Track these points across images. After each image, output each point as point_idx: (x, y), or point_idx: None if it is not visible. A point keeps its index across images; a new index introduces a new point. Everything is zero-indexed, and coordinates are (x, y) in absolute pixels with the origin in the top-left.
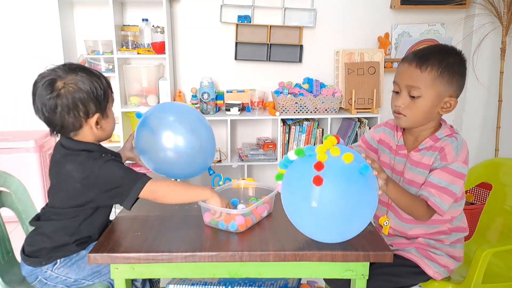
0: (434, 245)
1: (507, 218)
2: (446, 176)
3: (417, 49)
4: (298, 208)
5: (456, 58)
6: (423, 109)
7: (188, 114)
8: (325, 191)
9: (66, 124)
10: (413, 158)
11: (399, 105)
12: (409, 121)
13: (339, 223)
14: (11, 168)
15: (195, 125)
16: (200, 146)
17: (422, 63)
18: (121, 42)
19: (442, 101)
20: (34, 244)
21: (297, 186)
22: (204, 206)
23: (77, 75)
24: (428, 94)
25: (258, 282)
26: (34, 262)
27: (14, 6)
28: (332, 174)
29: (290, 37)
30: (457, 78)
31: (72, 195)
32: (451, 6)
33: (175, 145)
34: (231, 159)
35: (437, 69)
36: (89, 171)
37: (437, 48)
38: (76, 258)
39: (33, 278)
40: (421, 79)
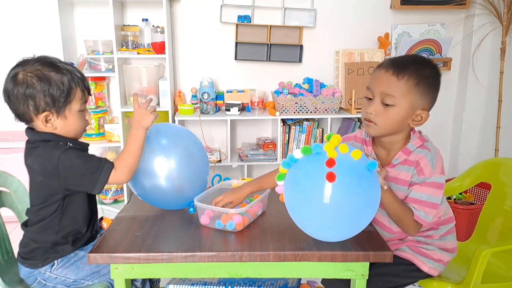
0: (425, 241)
1: (506, 218)
2: (426, 190)
3: (394, 57)
4: (306, 206)
5: (433, 71)
6: (395, 118)
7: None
8: (338, 188)
9: (20, 113)
10: (389, 175)
11: (370, 112)
12: (379, 130)
13: (349, 220)
14: (11, 168)
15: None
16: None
17: (400, 71)
18: (121, 42)
19: (414, 113)
20: (27, 246)
21: (307, 184)
22: (201, 207)
23: (40, 69)
24: (401, 103)
25: (258, 282)
26: (31, 264)
27: (14, 6)
28: (343, 170)
29: (290, 37)
30: (432, 91)
31: (39, 189)
32: (451, 6)
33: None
34: (231, 159)
35: (414, 79)
36: (47, 161)
37: (415, 58)
38: (74, 258)
39: (32, 280)
40: (396, 87)
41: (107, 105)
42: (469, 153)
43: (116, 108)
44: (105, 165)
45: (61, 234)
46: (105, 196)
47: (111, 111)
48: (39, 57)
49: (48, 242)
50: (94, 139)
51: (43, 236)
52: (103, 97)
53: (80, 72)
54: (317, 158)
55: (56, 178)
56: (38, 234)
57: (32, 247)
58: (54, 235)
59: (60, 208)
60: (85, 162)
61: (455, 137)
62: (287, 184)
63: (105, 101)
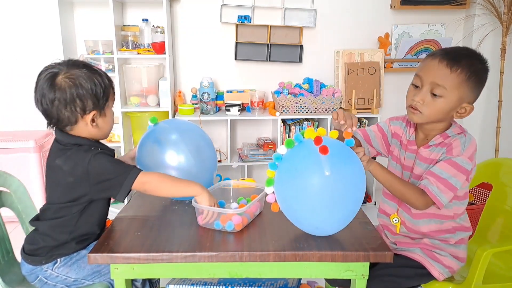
0: (439, 246)
1: (507, 218)
2: (448, 168)
3: (447, 48)
4: (307, 192)
5: (483, 66)
6: (441, 109)
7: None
8: (333, 158)
9: (62, 118)
10: (422, 154)
11: (417, 100)
12: (423, 118)
13: (348, 191)
14: (11, 168)
15: (198, 146)
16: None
17: (454, 63)
18: (121, 42)
19: (460, 105)
20: (34, 243)
21: (303, 168)
22: (197, 207)
23: (79, 70)
24: (451, 95)
25: (258, 282)
26: (34, 260)
27: (14, 6)
28: (331, 144)
29: (290, 37)
30: (480, 86)
31: (65, 189)
32: (451, 6)
33: (177, 163)
34: (231, 159)
35: (466, 72)
36: (78, 164)
37: (468, 51)
38: (76, 257)
39: (33, 277)
40: (449, 79)
41: None
42: None
43: (116, 108)
44: (133, 169)
45: (74, 234)
46: None
47: None
48: (67, 60)
49: (58, 240)
50: None
51: (56, 233)
52: None
53: (105, 73)
54: (303, 145)
55: (85, 181)
56: (50, 230)
57: (39, 244)
58: (66, 234)
59: (81, 210)
60: (113, 167)
61: None
62: (279, 185)
63: None
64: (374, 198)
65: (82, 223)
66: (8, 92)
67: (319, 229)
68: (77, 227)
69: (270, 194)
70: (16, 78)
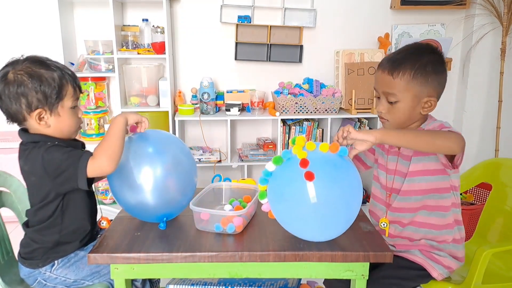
0: (438, 246)
1: (507, 218)
2: (444, 127)
3: (390, 54)
4: (296, 214)
5: (430, 57)
6: (403, 112)
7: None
8: (320, 184)
9: (12, 113)
10: (403, 153)
11: (380, 111)
12: (393, 124)
13: (341, 211)
14: (11, 168)
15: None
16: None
17: (394, 70)
18: (121, 42)
19: (421, 101)
20: (28, 246)
21: (289, 192)
22: (197, 211)
23: (30, 66)
24: (404, 97)
25: (258, 282)
26: (31, 264)
27: (14, 6)
28: (318, 166)
29: (290, 37)
30: (433, 77)
31: (34, 189)
32: (451, 6)
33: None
34: (231, 159)
35: (410, 72)
36: (35, 162)
37: (410, 50)
38: (74, 258)
39: (32, 280)
40: (394, 85)
41: (107, 105)
42: (469, 153)
43: (116, 108)
44: (84, 154)
45: (64, 232)
46: (105, 196)
47: (111, 111)
48: (28, 56)
49: (49, 242)
50: (94, 139)
51: (45, 236)
52: (103, 97)
53: (70, 70)
54: (290, 163)
55: (45, 177)
56: (39, 235)
57: (33, 247)
58: (56, 234)
59: (60, 207)
60: (66, 157)
61: None
62: (271, 199)
63: (105, 101)
64: None
65: (68, 220)
66: None
67: (315, 238)
68: (64, 225)
69: (265, 204)
70: None
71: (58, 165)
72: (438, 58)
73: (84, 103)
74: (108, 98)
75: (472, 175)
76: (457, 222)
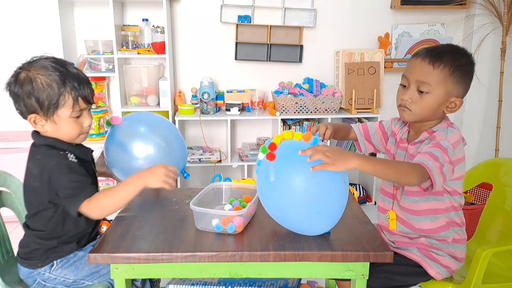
0: (437, 245)
1: (507, 218)
2: (436, 149)
3: (430, 47)
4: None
5: (468, 60)
6: (430, 105)
7: (157, 123)
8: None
9: (18, 110)
10: (410, 152)
11: (406, 99)
12: (413, 116)
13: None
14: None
15: (163, 132)
16: (169, 150)
17: (436, 60)
18: (121, 42)
19: (448, 100)
20: (27, 247)
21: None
22: (197, 211)
23: (39, 71)
24: (437, 91)
25: (258, 282)
26: (30, 264)
27: (14, 6)
28: (283, 150)
29: (290, 37)
30: (466, 80)
31: (35, 193)
32: (451, 6)
33: (145, 153)
34: (231, 159)
35: (450, 67)
36: (44, 171)
37: (451, 47)
38: (74, 259)
39: (31, 281)
40: (432, 76)
41: (107, 105)
42: (469, 153)
43: (116, 108)
44: (84, 193)
45: (64, 238)
46: None
47: (111, 111)
48: (48, 56)
49: (49, 245)
50: (94, 139)
51: (45, 240)
52: (103, 97)
53: (80, 80)
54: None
55: (47, 186)
56: (39, 239)
57: (32, 248)
58: (56, 239)
59: (60, 214)
60: (70, 182)
61: None
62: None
63: (105, 101)
64: (374, 198)
65: (69, 226)
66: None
67: (308, 229)
68: (65, 231)
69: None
70: None
71: (58, 187)
72: (473, 63)
73: None
74: (108, 98)
75: (472, 175)
76: (452, 224)
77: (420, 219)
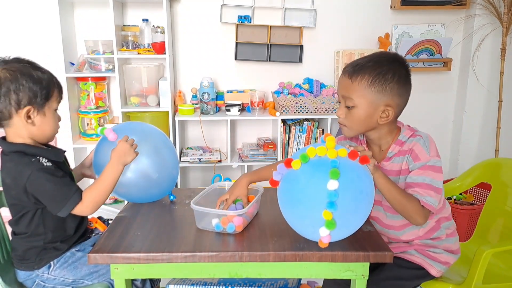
0: (432, 244)
1: (507, 218)
2: (428, 173)
3: (354, 60)
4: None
5: (393, 66)
6: (359, 118)
7: (151, 135)
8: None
9: (5, 107)
10: (385, 168)
11: (338, 115)
12: (351, 131)
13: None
14: None
15: (158, 147)
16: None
17: (353, 73)
18: (121, 42)
19: (377, 109)
20: (19, 249)
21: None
22: (197, 210)
23: (20, 65)
24: (360, 103)
25: (258, 282)
26: (26, 267)
27: (14, 6)
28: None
29: (290, 37)
30: (392, 86)
31: (13, 202)
32: (451, 6)
33: (135, 166)
34: (231, 159)
35: (368, 78)
36: (18, 179)
37: (374, 56)
38: (72, 259)
39: (30, 283)
40: (352, 89)
41: (107, 105)
42: (469, 153)
43: (116, 108)
44: (73, 196)
45: (49, 236)
46: None
47: (112, 111)
48: (15, 57)
49: (37, 246)
50: (94, 139)
51: (31, 242)
52: (103, 97)
53: (52, 74)
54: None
55: (25, 194)
56: (25, 242)
57: (22, 250)
58: (42, 239)
59: (40, 214)
60: (55, 189)
61: (455, 137)
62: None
63: (105, 101)
64: None
65: (51, 227)
66: None
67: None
68: (47, 230)
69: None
70: None
71: (42, 194)
72: (401, 68)
73: (84, 103)
74: (108, 98)
75: (472, 175)
76: (442, 220)
77: (405, 230)
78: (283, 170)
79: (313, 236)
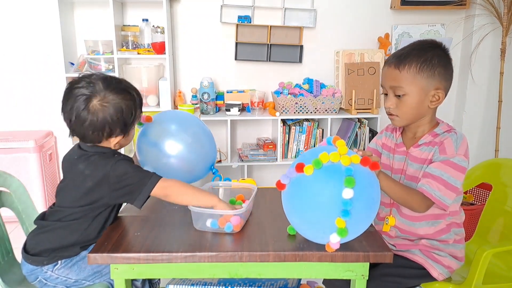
0: (438, 246)
1: (507, 218)
2: (446, 169)
3: (396, 51)
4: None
5: (436, 51)
6: (411, 105)
7: (187, 121)
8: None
9: (87, 137)
10: (412, 154)
11: (388, 106)
12: (402, 120)
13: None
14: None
15: (194, 131)
16: (201, 150)
17: (400, 63)
18: (121, 42)
19: (428, 94)
20: (38, 243)
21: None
22: (195, 211)
23: (113, 96)
24: (411, 90)
25: (258, 282)
26: (36, 261)
27: (14, 6)
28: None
29: (290, 37)
30: (439, 70)
31: (83, 193)
32: (451, 6)
33: (177, 151)
34: (231, 159)
35: (415, 65)
36: (99, 169)
37: (415, 45)
38: (76, 258)
39: (33, 278)
40: (401, 78)
41: None
42: (469, 153)
43: None
44: (153, 176)
45: (81, 238)
46: None
47: None
48: (101, 76)
49: (63, 242)
50: None
51: (64, 234)
52: None
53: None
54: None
55: (105, 185)
56: (59, 231)
57: (44, 245)
58: (75, 237)
59: (95, 215)
60: (136, 172)
61: None
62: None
63: None
64: None
65: (92, 228)
66: (8, 92)
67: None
68: (87, 232)
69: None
70: (16, 78)
71: (125, 177)
72: (443, 52)
73: None
74: None
75: (472, 175)
76: (453, 225)
77: (422, 224)
78: (292, 174)
79: (321, 240)
